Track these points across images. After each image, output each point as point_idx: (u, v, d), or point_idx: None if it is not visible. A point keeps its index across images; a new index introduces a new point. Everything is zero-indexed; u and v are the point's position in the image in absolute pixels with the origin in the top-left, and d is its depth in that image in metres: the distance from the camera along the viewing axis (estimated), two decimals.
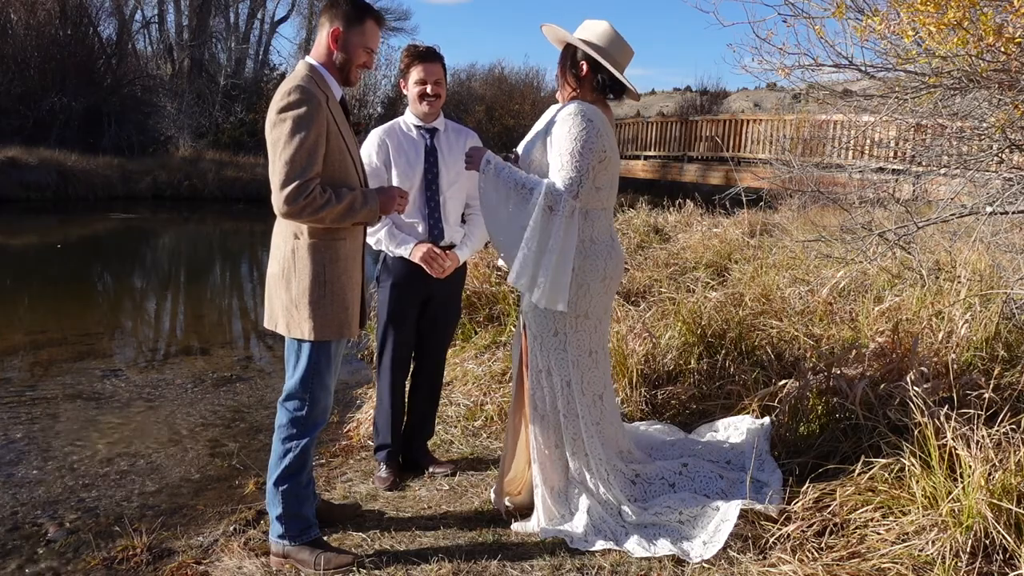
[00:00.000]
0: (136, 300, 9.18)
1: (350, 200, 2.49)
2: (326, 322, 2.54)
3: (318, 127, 2.43)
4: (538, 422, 2.86)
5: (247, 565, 2.69)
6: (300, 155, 2.39)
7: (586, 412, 2.87)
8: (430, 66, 3.21)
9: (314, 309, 2.52)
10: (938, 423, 2.64)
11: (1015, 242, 4.82)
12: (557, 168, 2.73)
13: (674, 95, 46.07)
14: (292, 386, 2.61)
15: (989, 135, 3.96)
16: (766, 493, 2.94)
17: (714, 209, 10.56)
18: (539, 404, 2.86)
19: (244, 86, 26.46)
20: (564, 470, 2.88)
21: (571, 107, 2.75)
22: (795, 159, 8.85)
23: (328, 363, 2.61)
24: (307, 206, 2.40)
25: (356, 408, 4.62)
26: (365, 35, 2.58)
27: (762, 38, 3.85)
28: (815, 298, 4.86)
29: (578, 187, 2.70)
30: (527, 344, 2.86)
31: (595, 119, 2.74)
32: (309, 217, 2.43)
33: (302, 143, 2.39)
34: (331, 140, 2.48)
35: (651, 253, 7.85)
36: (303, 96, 2.41)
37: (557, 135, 2.74)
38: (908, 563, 2.39)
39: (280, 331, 2.59)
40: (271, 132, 2.45)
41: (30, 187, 16.69)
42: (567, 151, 2.70)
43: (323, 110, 2.45)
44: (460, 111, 27.08)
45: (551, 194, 2.69)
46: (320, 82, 2.51)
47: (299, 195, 2.38)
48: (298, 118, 2.40)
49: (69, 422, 4.48)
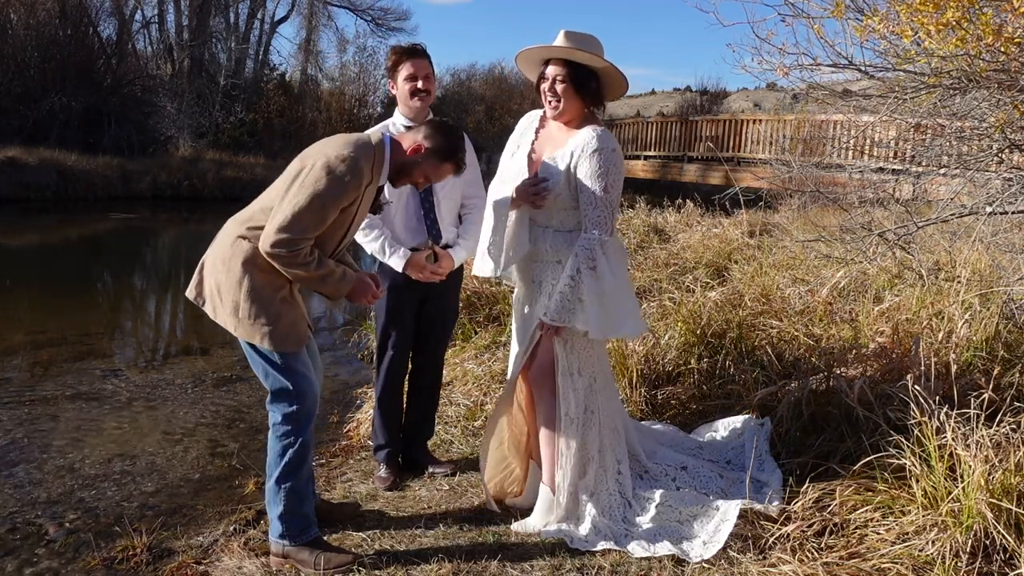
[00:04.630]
0: (136, 300, 9.18)
1: (328, 271, 2.52)
2: (254, 328, 2.53)
3: (343, 203, 2.47)
4: (567, 424, 2.85)
5: (247, 565, 2.69)
6: (312, 216, 2.42)
7: (606, 407, 2.91)
8: (419, 61, 3.20)
9: (236, 312, 2.52)
10: (938, 423, 2.64)
11: (1015, 242, 4.81)
12: (591, 205, 2.73)
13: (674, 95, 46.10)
14: (274, 384, 2.61)
15: (989, 135, 3.96)
16: (766, 493, 2.95)
17: (714, 209, 10.56)
18: (568, 406, 2.85)
19: (244, 86, 26.44)
20: (578, 471, 2.87)
21: (601, 140, 2.74)
22: (795, 159, 8.84)
23: (296, 356, 2.60)
24: (289, 257, 2.43)
25: (356, 408, 4.62)
26: (438, 169, 2.65)
27: (762, 38, 3.85)
28: (815, 298, 4.85)
29: (613, 223, 2.77)
30: (556, 348, 2.83)
31: (616, 147, 2.79)
32: (283, 266, 2.46)
33: (321, 208, 2.42)
34: (342, 215, 2.52)
35: (651, 253, 7.84)
36: (353, 171, 2.45)
37: (591, 172, 2.73)
38: (908, 563, 2.39)
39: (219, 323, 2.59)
40: (306, 172, 2.45)
41: (30, 187, 16.68)
42: (601, 188, 2.72)
43: (359, 191, 2.50)
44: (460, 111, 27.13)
45: (587, 256, 2.70)
46: (377, 164, 2.55)
47: (288, 246, 2.42)
48: (335, 186, 2.42)
49: (69, 422, 4.48)
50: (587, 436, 2.87)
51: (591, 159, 2.72)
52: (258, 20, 29.48)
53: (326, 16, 30.68)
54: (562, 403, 2.84)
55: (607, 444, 2.91)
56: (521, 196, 2.81)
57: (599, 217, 2.73)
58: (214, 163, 20.88)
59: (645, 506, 2.88)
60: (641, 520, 2.83)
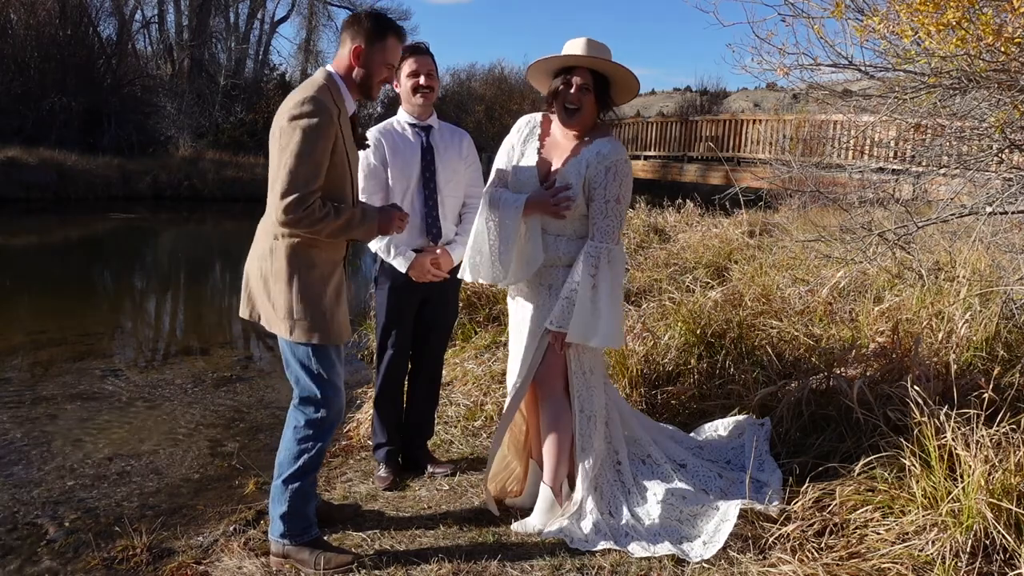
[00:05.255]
0: (136, 300, 9.19)
1: (349, 216, 2.50)
2: (309, 326, 2.53)
3: (326, 141, 2.43)
4: (583, 421, 2.85)
5: (247, 565, 2.69)
6: (305, 167, 2.39)
7: (614, 403, 2.95)
8: (421, 58, 3.21)
9: (290, 312, 2.52)
10: (938, 423, 2.65)
11: (1015, 242, 4.81)
12: (602, 215, 2.75)
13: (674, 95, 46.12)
14: (304, 390, 2.61)
15: (989, 135, 3.96)
16: (766, 493, 2.95)
17: (714, 209, 10.56)
18: (585, 405, 2.86)
19: (244, 86, 26.46)
20: (585, 470, 2.87)
21: (615, 151, 2.77)
22: (795, 159, 8.83)
23: (330, 365, 2.60)
24: (305, 218, 2.40)
25: (356, 408, 4.62)
26: (386, 51, 2.58)
27: (762, 38, 3.85)
28: (815, 298, 4.86)
29: (619, 233, 2.79)
30: (569, 351, 2.83)
31: (628, 158, 2.83)
32: (306, 228, 2.44)
33: (309, 155, 2.39)
34: (335, 155, 2.49)
35: (651, 253, 7.85)
36: (317, 108, 2.41)
37: (605, 183, 2.74)
38: (908, 563, 2.39)
39: (273, 331, 2.59)
40: (279, 138, 2.44)
41: (30, 187, 16.69)
42: (614, 198, 2.75)
43: (334, 125, 2.45)
44: (460, 111, 27.11)
45: (591, 264, 2.72)
46: (336, 94, 2.51)
47: (299, 207, 2.38)
48: (309, 129, 2.39)
49: (69, 422, 4.48)
50: (597, 434, 2.89)
51: (607, 171, 2.74)
52: (258, 20, 29.53)
53: (326, 16, 30.72)
54: (577, 402, 2.85)
55: (609, 435, 2.94)
56: (542, 207, 2.79)
57: (608, 227, 2.75)
58: (214, 163, 20.89)
59: (645, 496, 2.89)
60: (640, 512, 2.83)
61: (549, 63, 2.82)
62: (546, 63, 2.82)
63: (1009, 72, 3.29)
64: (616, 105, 2.92)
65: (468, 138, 3.42)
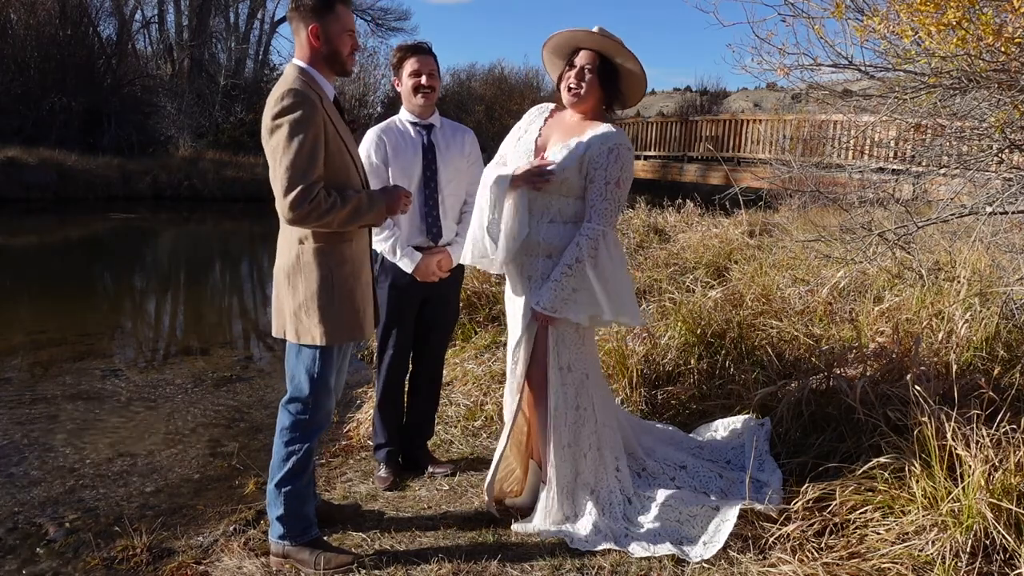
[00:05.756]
0: (136, 300, 9.18)
1: (356, 203, 2.48)
2: (336, 326, 2.53)
3: (316, 129, 2.40)
4: (559, 420, 2.85)
5: (247, 565, 2.69)
6: (300, 159, 2.37)
7: (600, 404, 2.90)
8: (423, 58, 3.21)
9: (323, 313, 2.50)
10: (938, 423, 2.64)
11: (1015, 242, 4.81)
12: (600, 197, 2.73)
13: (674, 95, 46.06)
14: (295, 390, 2.60)
15: (989, 135, 3.95)
16: (766, 493, 2.95)
17: (714, 209, 10.56)
18: (560, 402, 2.85)
19: (244, 86, 26.44)
20: (570, 467, 2.87)
21: (620, 136, 2.76)
22: (795, 159, 8.84)
23: (332, 367, 2.60)
24: (312, 211, 2.38)
25: (356, 408, 4.62)
26: (340, 20, 2.52)
27: (762, 38, 3.85)
28: (815, 298, 4.86)
29: (616, 218, 2.78)
30: (549, 342, 2.83)
31: (631, 147, 2.81)
32: (315, 222, 2.42)
33: (301, 146, 2.37)
34: (330, 141, 2.47)
35: (651, 253, 7.84)
36: (297, 99, 2.39)
37: (607, 165, 2.73)
38: (908, 563, 2.40)
39: (289, 338, 2.58)
40: (269, 139, 2.42)
41: (30, 187, 16.69)
42: (615, 182, 2.73)
43: (319, 111, 2.43)
44: (460, 111, 27.08)
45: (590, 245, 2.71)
46: (312, 83, 2.48)
47: (303, 200, 2.36)
48: (294, 122, 2.37)
49: (69, 422, 4.48)
50: (580, 433, 2.87)
51: (609, 151, 2.72)
52: (258, 20, 29.51)
53: None
54: (551, 397, 2.84)
55: (604, 442, 2.90)
56: (523, 177, 2.78)
57: (605, 210, 2.73)
58: (214, 163, 20.87)
59: (646, 504, 2.88)
60: (643, 519, 2.83)
61: (558, 40, 2.83)
62: (558, 41, 2.84)
63: (1009, 72, 3.29)
64: (625, 102, 2.91)
65: (471, 135, 3.41)
